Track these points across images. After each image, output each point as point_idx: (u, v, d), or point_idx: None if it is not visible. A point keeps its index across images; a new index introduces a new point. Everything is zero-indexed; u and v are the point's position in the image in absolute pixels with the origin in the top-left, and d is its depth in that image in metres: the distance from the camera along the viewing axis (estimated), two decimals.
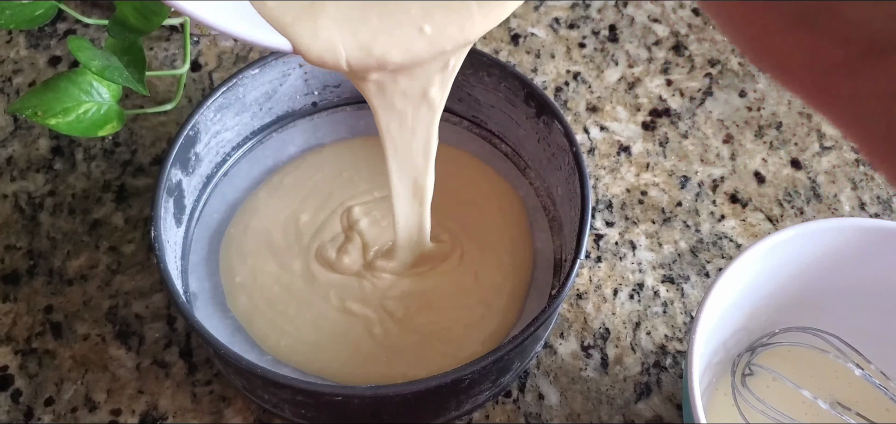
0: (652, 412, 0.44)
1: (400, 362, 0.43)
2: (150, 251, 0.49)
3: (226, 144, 0.49)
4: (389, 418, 0.40)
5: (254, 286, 0.45)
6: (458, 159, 0.51)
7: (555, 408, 0.44)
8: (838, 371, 0.43)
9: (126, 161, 0.53)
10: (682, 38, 0.60)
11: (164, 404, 0.44)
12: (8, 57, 0.58)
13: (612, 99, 0.56)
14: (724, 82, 0.57)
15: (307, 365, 0.43)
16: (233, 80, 0.47)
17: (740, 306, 0.40)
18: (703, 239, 0.50)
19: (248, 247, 0.47)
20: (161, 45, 0.58)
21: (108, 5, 0.59)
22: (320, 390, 0.38)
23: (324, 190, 0.49)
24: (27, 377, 0.45)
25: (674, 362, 0.46)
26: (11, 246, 0.49)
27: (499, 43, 0.59)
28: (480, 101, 0.50)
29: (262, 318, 0.44)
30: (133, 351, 0.45)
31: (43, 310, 0.47)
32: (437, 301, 0.45)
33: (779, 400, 0.42)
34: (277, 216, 0.48)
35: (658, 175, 0.53)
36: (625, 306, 0.47)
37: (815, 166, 0.54)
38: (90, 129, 0.47)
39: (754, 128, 0.55)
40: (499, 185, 0.50)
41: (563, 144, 0.45)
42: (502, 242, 0.47)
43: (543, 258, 0.47)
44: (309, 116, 0.52)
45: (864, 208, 0.52)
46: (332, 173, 0.50)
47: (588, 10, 0.61)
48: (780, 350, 0.43)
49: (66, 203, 0.51)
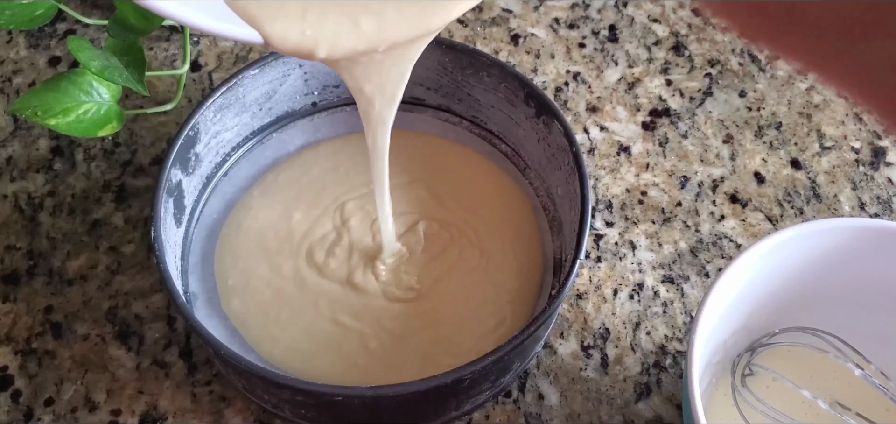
0: (652, 412, 0.44)
1: (397, 377, 0.42)
2: (149, 252, 0.49)
3: (226, 145, 0.49)
4: (389, 418, 0.40)
5: (246, 290, 0.45)
6: (468, 157, 0.50)
7: (555, 408, 0.44)
8: (838, 371, 0.43)
9: (126, 161, 0.53)
10: (681, 38, 0.60)
11: (163, 404, 0.44)
12: (8, 57, 0.58)
13: (612, 99, 0.56)
14: (723, 82, 0.57)
15: (301, 375, 0.43)
16: (233, 80, 0.47)
17: (740, 306, 0.40)
18: (703, 239, 0.50)
19: (240, 248, 0.47)
20: (161, 46, 0.58)
21: (108, 5, 0.59)
22: (320, 390, 0.38)
23: (318, 186, 0.49)
24: (27, 377, 0.45)
25: (674, 362, 0.46)
26: (11, 246, 0.49)
27: (499, 43, 0.59)
28: (480, 101, 0.50)
29: (255, 323, 0.44)
30: (133, 351, 0.45)
31: (43, 310, 0.47)
32: (441, 313, 0.45)
33: (778, 400, 0.42)
34: (270, 215, 0.48)
35: (658, 175, 0.53)
36: (625, 306, 0.47)
37: (814, 166, 0.54)
38: (90, 129, 0.47)
39: (754, 128, 0.55)
40: (509, 187, 0.49)
41: (563, 144, 0.45)
42: (510, 245, 0.47)
43: (543, 259, 0.47)
44: (309, 116, 0.52)
45: (863, 209, 0.52)
46: (328, 167, 0.50)
47: (588, 11, 0.61)
48: (779, 350, 0.43)
49: (66, 203, 0.51)
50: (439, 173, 0.50)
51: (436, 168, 0.50)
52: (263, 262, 0.46)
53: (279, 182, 0.49)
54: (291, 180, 0.49)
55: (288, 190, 0.49)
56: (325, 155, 0.50)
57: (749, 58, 0.59)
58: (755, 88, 0.57)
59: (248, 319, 0.44)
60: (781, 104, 0.56)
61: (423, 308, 0.45)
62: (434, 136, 0.52)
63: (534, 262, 0.46)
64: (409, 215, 0.48)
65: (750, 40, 0.38)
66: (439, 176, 0.50)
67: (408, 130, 0.51)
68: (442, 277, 0.46)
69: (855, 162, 0.54)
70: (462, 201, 0.49)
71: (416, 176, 0.50)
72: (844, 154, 0.54)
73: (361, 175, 0.49)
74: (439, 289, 0.45)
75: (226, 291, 0.45)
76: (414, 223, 0.48)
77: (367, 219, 0.47)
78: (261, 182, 0.49)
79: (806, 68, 0.23)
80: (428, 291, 0.45)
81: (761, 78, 0.58)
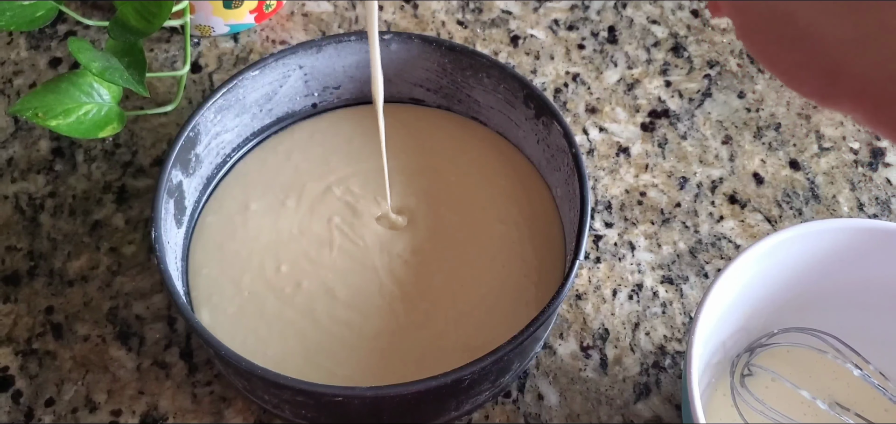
0: (651, 412, 0.44)
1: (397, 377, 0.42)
2: (150, 252, 0.49)
3: (226, 146, 0.49)
4: (389, 418, 0.40)
5: (211, 299, 0.45)
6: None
7: (554, 409, 0.44)
8: (837, 372, 0.43)
9: (126, 162, 0.53)
10: (681, 39, 0.60)
11: (164, 404, 0.44)
12: (8, 58, 0.58)
13: (612, 100, 0.56)
14: (722, 84, 0.58)
15: (301, 376, 0.42)
16: (233, 81, 0.47)
17: (739, 306, 0.40)
18: (702, 240, 0.50)
19: (204, 252, 0.46)
20: (161, 47, 0.58)
21: (109, 7, 0.59)
22: (320, 390, 0.38)
23: (279, 178, 0.49)
24: (28, 377, 0.45)
25: (673, 362, 0.46)
26: (12, 247, 0.49)
27: (498, 44, 0.59)
28: (480, 102, 0.50)
29: (225, 334, 0.43)
30: (133, 352, 0.45)
31: (43, 311, 0.47)
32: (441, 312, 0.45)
33: (777, 401, 0.42)
34: (231, 209, 0.48)
35: (657, 176, 0.53)
36: (624, 306, 0.48)
37: (813, 166, 0.54)
38: (91, 130, 0.47)
39: (753, 129, 0.55)
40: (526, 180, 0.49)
41: (563, 145, 0.45)
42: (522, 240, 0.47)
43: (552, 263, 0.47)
44: (309, 117, 0.52)
45: (862, 209, 0.52)
46: (282, 158, 0.50)
47: (587, 12, 0.61)
48: (778, 351, 0.44)
49: (67, 204, 0.51)
50: (446, 165, 0.50)
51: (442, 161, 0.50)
52: (223, 269, 0.46)
53: (244, 172, 0.49)
54: (252, 169, 0.50)
55: (250, 180, 0.49)
56: (285, 143, 0.51)
57: (748, 59, 0.59)
58: (754, 89, 0.57)
59: (217, 330, 0.43)
60: (780, 105, 0.57)
61: (423, 308, 0.45)
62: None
63: (527, 270, 0.47)
64: (413, 199, 0.49)
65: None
66: (447, 167, 0.50)
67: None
68: (442, 275, 0.46)
69: (853, 163, 0.54)
70: (469, 196, 0.49)
71: (424, 163, 0.50)
72: (843, 155, 0.54)
73: (333, 162, 0.50)
74: (439, 288, 0.46)
75: (198, 299, 0.45)
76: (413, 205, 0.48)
77: (355, 196, 0.48)
78: (232, 171, 0.49)
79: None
80: (428, 290, 0.45)
81: (760, 79, 0.58)
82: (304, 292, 0.45)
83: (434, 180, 0.49)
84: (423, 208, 0.48)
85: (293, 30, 0.59)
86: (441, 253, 0.46)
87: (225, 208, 0.48)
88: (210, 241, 0.47)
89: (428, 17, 0.60)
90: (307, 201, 0.48)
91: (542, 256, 0.46)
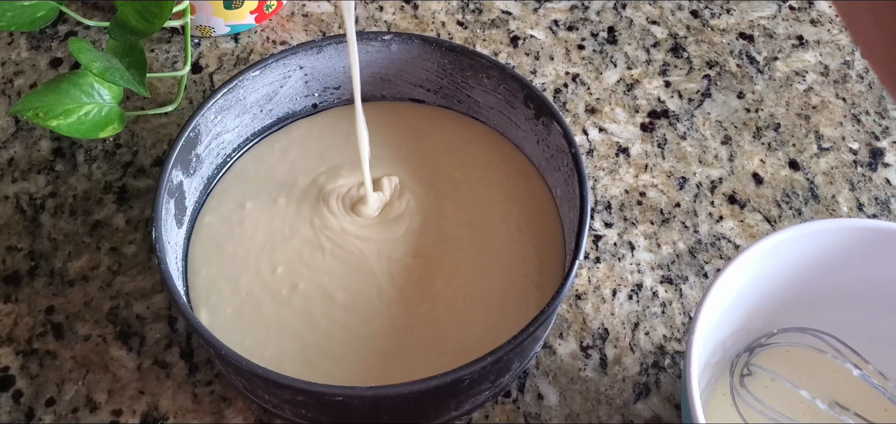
0: (651, 412, 0.44)
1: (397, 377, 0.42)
2: (151, 252, 0.49)
3: (227, 146, 0.49)
4: (389, 418, 0.40)
5: (209, 299, 0.45)
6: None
7: (554, 408, 0.44)
8: (836, 372, 0.43)
9: (127, 162, 0.53)
10: (680, 40, 0.60)
11: (164, 404, 0.44)
12: (9, 59, 0.58)
13: (611, 101, 0.56)
14: (722, 84, 0.58)
15: (301, 375, 0.42)
16: (233, 81, 0.47)
17: (738, 306, 0.41)
18: (702, 240, 0.50)
19: (203, 252, 0.47)
20: (162, 47, 0.58)
21: (109, 7, 0.59)
22: (321, 390, 0.38)
23: (273, 178, 0.49)
24: (28, 377, 0.45)
25: (672, 362, 0.46)
26: (13, 247, 0.49)
27: (498, 45, 0.59)
28: (480, 102, 0.50)
29: (223, 335, 0.43)
30: (134, 352, 0.45)
31: (44, 311, 0.47)
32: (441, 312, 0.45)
33: (777, 401, 0.42)
34: (228, 208, 0.48)
35: (656, 176, 0.53)
36: (623, 306, 0.48)
37: (813, 167, 0.54)
38: (91, 130, 0.47)
39: (752, 129, 0.55)
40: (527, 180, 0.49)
41: (562, 145, 0.45)
42: (520, 243, 0.47)
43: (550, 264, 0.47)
44: (309, 117, 0.52)
45: (861, 209, 0.52)
46: (279, 157, 0.50)
47: (587, 12, 0.61)
48: (778, 351, 0.44)
49: (68, 204, 0.51)
50: (447, 166, 0.50)
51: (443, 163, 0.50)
52: (221, 266, 0.46)
53: (241, 172, 0.50)
54: (247, 169, 0.50)
55: (244, 179, 0.49)
56: (280, 143, 0.51)
57: (747, 59, 0.59)
58: (753, 90, 0.57)
59: (216, 330, 0.43)
60: (780, 105, 0.57)
61: (423, 308, 0.45)
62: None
63: (526, 272, 0.47)
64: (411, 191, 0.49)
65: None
66: (448, 168, 0.50)
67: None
68: (442, 275, 0.46)
69: (853, 163, 0.54)
70: (472, 195, 0.49)
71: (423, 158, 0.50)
72: (842, 155, 0.54)
73: (316, 158, 0.50)
74: (439, 288, 0.46)
75: (196, 298, 0.45)
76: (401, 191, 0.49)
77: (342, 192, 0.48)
78: (230, 171, 0.50)
79: None
80: (428, 290, 0.45)
81: (759, 79, 0.58)
82: (301, 294, 0.45)
83: (434, 180, 0.49)
84: (423, 208, 0.48)
85: (293, 30, 0.59)
86: (441, 253, 0.46)
87: (222, 207, 0.48)
88: (208, 241, 0.47)
89: (428, 18, 0.60)
90: (296, 198, 0.48)
91: (542, 256, 0.46)
